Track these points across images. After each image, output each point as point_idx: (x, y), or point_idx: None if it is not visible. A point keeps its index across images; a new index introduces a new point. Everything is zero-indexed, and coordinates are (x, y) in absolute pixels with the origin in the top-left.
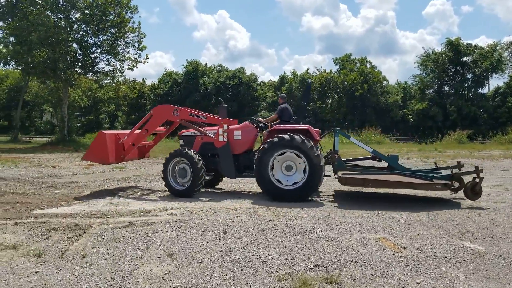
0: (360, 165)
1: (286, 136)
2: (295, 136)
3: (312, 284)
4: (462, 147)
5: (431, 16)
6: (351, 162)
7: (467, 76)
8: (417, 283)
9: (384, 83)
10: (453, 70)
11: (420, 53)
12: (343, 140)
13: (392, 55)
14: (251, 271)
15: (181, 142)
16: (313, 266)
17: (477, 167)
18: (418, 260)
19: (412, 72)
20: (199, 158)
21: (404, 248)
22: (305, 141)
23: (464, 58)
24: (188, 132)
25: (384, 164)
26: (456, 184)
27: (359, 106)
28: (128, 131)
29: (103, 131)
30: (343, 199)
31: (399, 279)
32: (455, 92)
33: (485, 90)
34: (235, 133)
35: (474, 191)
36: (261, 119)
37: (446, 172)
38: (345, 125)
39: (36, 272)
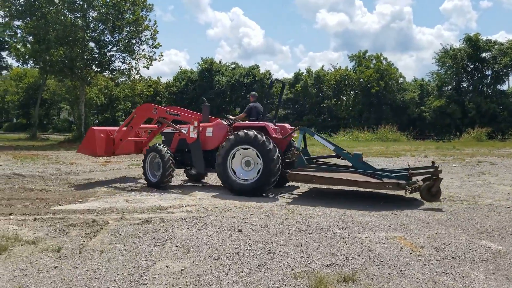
0: (326, 163)
1: (241, 133)
2: (249, 132)
3: (329, 282)
4: (480, 145)
5: (449, 12)
6: (321, 160)
7: (486, 73)
8: (435, 282)
9: (401, 80)
10: (471, 66)
11: (437, 49)
12: (358, 138)
13: (409, 52)
14: (267, 268)
15: (163, 138)
16: (329, 264)
17: (436, 166)
18: (436, 260)
19: (429, 69)
20: (168, 152)
21: (422, 247)
22: (258, 136)
23: (483, 54)
24: (168, 129)
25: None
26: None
27: (375, 103)
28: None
29: (93, 127)
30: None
31: (417, 278)
32: (474, 89)
33: (504, 87)
34: (207, 130)
35: (430, 192)
36: (231, 116)
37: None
38: (360, 123)
39: (55, 267)
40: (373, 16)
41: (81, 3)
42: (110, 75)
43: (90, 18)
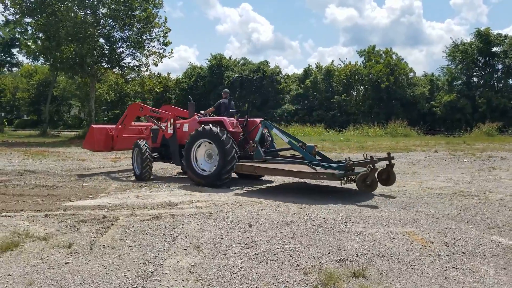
0: (293, 156)
1: (200, 128)
2: (206, 127)
3: (339, 277)
4: (491, 140)
5: (459, 6)
6: (280, 152)
7: (497, 67)
8: (445, 277)
9: (411, 74)
10: (482, 61)
11: (448, 44)
12: (368, 133)
13: (419, 46)
14: (277, 264)
15: (151, 134)
16: (339, 259)
17: (372, 157)
18: (446, 255)
19: (439, 63)
20: (146, 147)
21: (432, 243)
22: (213, 129)
23: (494, 49)
24: (155, 126)
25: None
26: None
27: (385, 98)
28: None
29: (93, 125)
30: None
31: (427, 273)
32: (485, 83)
33: None
34: (184, 126)
35: (365, 183)
36: (203, 111)
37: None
38: (370, 118)
39: (66, 263)
40: (382, 11)
41: (91, 0)
42: (120, 72)
43: (100, 14)
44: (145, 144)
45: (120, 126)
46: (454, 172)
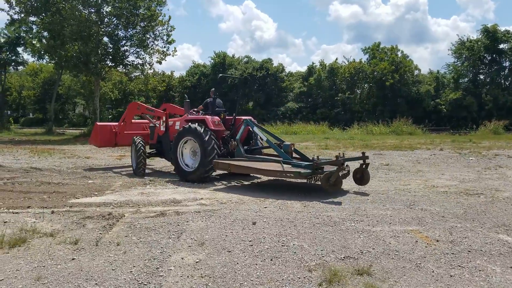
0: (268, 153)
1: (186, 126)
2: (191, 125)
3: (343, 275)
4: (498, 138)
5: (465, 2)
6: (264, 150)
7: (504, 64)
8: (451, 276)
9: (416, 72)
10: (489, 58)
11: (453, 41)
12: (372, 131)
13: (424, 43)
14: (281, 261)
15: (150, 131)
16: (344, 257)
17: (337, 156)
18: (452, 253)
19: (445, 61)
20: (140, 143)
21: (438, 241)
22: (196, 128)
23: (501, 46)
24: (152, 124)
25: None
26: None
27: (389, 96)
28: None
29: (97, 122)
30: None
31: (433, 272)
32: (491, 81)
33: None
34: (176, 124)
35: (328, 182)
36: (195, 110)
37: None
38: (375, 116)
39: (73, 259)
40: (387, 8)
41: None
42: (124, 70)
43: (104, 13)
44: (141, 141)
45: (122, 124)
46: (460, 171)
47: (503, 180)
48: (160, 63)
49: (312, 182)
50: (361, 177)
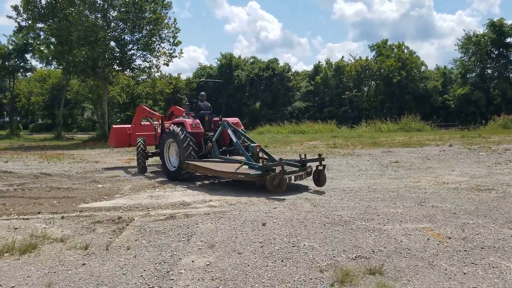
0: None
1: (170, 128)
2: (171, 127)
3: (355, 275)
4: (507, 133)
5: None
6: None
7: (511, 58)
8: (464, 273)
9: (423, 68)
10: (496, 52)
11: (460, 36)
12: (380, 129)
13: (430, 39)
14: (292, 262)
15: (154, 132)
16: (355, 257)
17: (280, 159)
18: (464, 250)
19: (452, 56)
20: (141, 144)
21: (450, 238)
22: (175, 130)
23: (508, 40)
24: (155, 125)
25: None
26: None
27: (397, 93)
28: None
29: (113, 125)
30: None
31: (445, 269)
32: (499, 75)
33: None
34: (171, 126)
35: (272, 184)
36: (187, 114)
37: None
38: (383, 113)
39: (84, 264)
40: (391, 4)
41: (102, 3)
42: (131, 74)
43: (111, 17)
44: (141, 141)
45: (133, 126)
46: (470, 166)
47: None
48: (167, 65)
49: (258, 184)
50: (318, 178)
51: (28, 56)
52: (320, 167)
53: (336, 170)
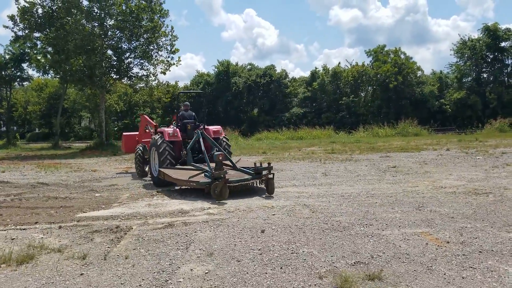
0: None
1: (153, 137)
2: (153, 137)
3: (354, 281)
4: (504, 136)
5: (465, 2)
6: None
7: (507, 62)
8: (463, 277)
9: (419, 73)
10: (491, 56)
11: (454, 41)
12: (378, 134)
13: (425, 44)
14: (291, 269)
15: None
16: (354, 262)
17: (222, 168)
18: (463, 254)
19: (447, 61)
20: (139, 151)
21: (448, 242)
22: (155, 139)
23: (503, 44)
24: (152, 133)
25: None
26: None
27: (394, 98)
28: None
29: (124, 133)
30: None
31: (444, 274)
32: (495, 79)
33: None
34: (154, 135)
35: (215, 192)
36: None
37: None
38: (380, 118)
39: (81, 274)
40: (387, 10)
41: (99, 12)
42: (129, 82)
43: (108, 26)
44: (139, 148)
45: (140, 133)
46: (468, 170)
47: None
48: (165, 73)
49: (206, 192)
50: (267, 186)
51: (25, 65)
52: (270, 175)
53: (335, 175)
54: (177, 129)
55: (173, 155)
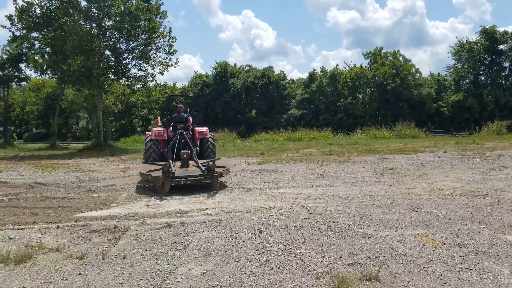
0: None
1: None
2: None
3: (351, 281)
4: (501, 138)
5: (463, 5)
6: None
7: (504, 65)
8: (459, 279)
9: (417, 75)
10: (489, 59)
11: (452, 43)
12: (376, 136)
13: (423, 46)
14: (289, 269)
15: None
16: (351, 263)
17: (164, 163)
18: (459, 256)
19: (445, 63)
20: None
21: (445, 244)
22: (145, 138)
23: (500, 46)
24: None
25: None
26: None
27: (391, 100)
28: None
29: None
30: None
31: (441, 275)
32: (492, 81)
33: None
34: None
35: (157, 184)
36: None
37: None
38: (378, 120)
39: (80, 274)
40: (384, 12)
41: (97, 12)
42: (127, 83)
43: (106, 27)
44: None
45: None
46: (465, 172)
47: (508, 181)
48: (163, 74)
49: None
50: (211, 182)
51: (22, 65)
52: (215, 174)
53: (332, 177)
54: (166, 129)
55: (157, 152)
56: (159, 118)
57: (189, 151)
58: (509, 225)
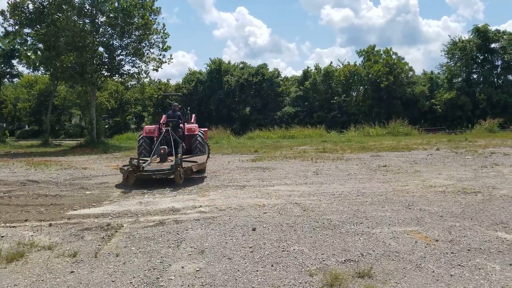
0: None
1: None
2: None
3: (344, 278)
4: (493, 136)
5: (455, 3)
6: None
7: (496, 63)
8: (451, 275)
9: (410, 73)
10: (481, 57)
11: (445, 41)
12: (369, 133)
13: (416, 45)
14: (282, 266)
15: None
16: (344, 260)
17: (131, 158)
18: (451, 252)
19: (438, 61)
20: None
21: (437, 241)
22: (138, 135)
23: (493, 45)
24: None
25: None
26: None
27: (385, 98)
28: None
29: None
30: None
31: (433, 272)
32: (484, 80)
33: None
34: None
35: (124, 177)
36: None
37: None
38: (371, 118)
39: (72, 272)
40: (378, 10)
41: (90, 8)
42: (120, 79)
43: (99, 23)
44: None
45: None
46: (457, 170)
47: (500, 178)
48: (157, 70)
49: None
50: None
51: (15, 61)
52: (179, 169)
53: (326, 174)
54: (158, 127)
55: (147, 148)
56: (164, 116)
57: (166, 147)
58: (501, 222)
